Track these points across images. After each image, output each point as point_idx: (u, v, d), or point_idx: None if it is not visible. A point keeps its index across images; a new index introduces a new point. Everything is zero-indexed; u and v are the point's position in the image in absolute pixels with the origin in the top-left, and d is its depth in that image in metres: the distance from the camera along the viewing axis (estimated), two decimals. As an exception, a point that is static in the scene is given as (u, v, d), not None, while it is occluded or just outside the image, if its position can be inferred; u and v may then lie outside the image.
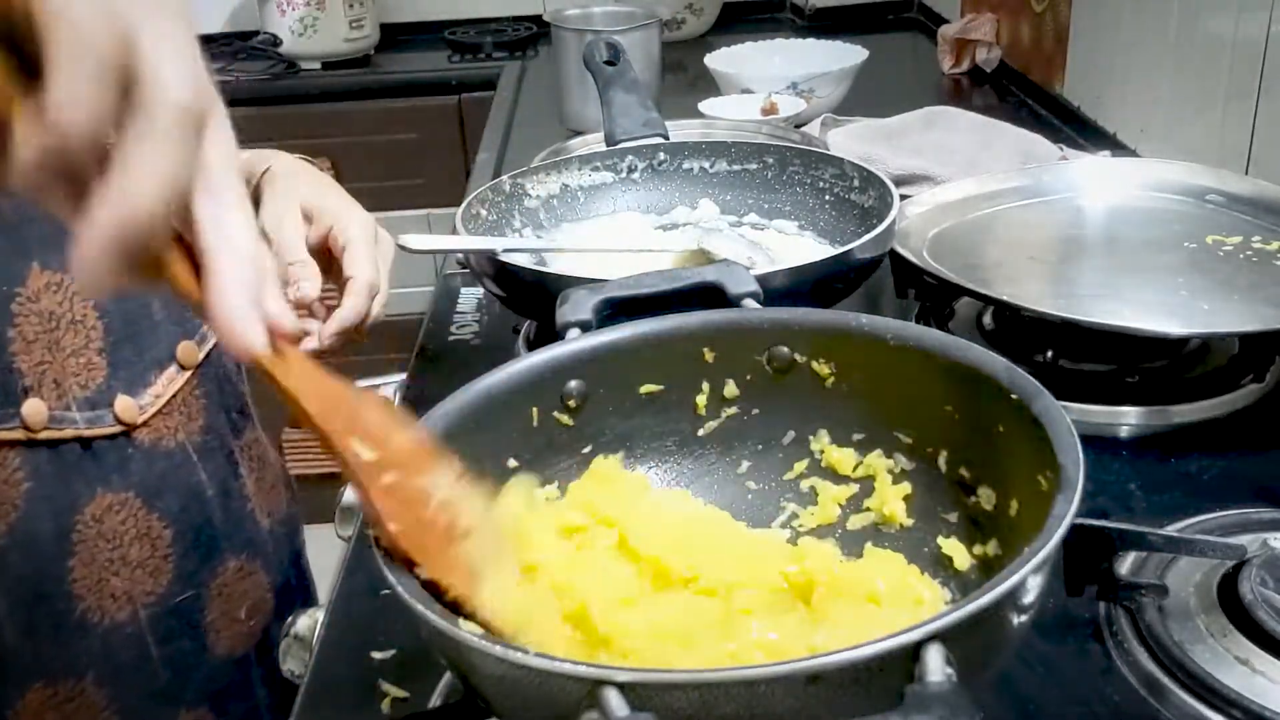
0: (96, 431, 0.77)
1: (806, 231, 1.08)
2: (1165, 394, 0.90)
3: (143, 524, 0.80)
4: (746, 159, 1.12)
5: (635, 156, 1.12)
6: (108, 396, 0.77)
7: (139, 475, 0.80)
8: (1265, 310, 0.90)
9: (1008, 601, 0.46)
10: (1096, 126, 1.54)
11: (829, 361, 0.67)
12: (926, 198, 1.13)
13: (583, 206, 1.12)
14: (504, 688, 0.47)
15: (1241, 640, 0.63)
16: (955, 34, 1.89)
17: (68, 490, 0.76)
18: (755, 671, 0.43)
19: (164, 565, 0.82)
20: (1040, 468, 0.54)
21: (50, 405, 0.74)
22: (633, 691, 0.43)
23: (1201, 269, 0.98)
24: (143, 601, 0.80)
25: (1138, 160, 1.35)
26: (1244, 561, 0.65)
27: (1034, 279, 1.02)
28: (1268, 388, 0.91)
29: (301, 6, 2.38)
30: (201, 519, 0.84)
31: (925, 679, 0.41)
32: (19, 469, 0.74)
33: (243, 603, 0.88)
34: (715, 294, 0.71)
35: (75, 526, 0.76)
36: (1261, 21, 1.15)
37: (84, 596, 0.77)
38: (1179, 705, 0.62)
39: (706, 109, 1.59)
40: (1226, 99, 1.23)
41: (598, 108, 1.20)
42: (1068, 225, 1.11)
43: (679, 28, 2.29)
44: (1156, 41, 1.38)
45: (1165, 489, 0.80)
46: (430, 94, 2.38)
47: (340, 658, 0.70)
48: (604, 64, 1.20)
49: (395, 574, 0.50)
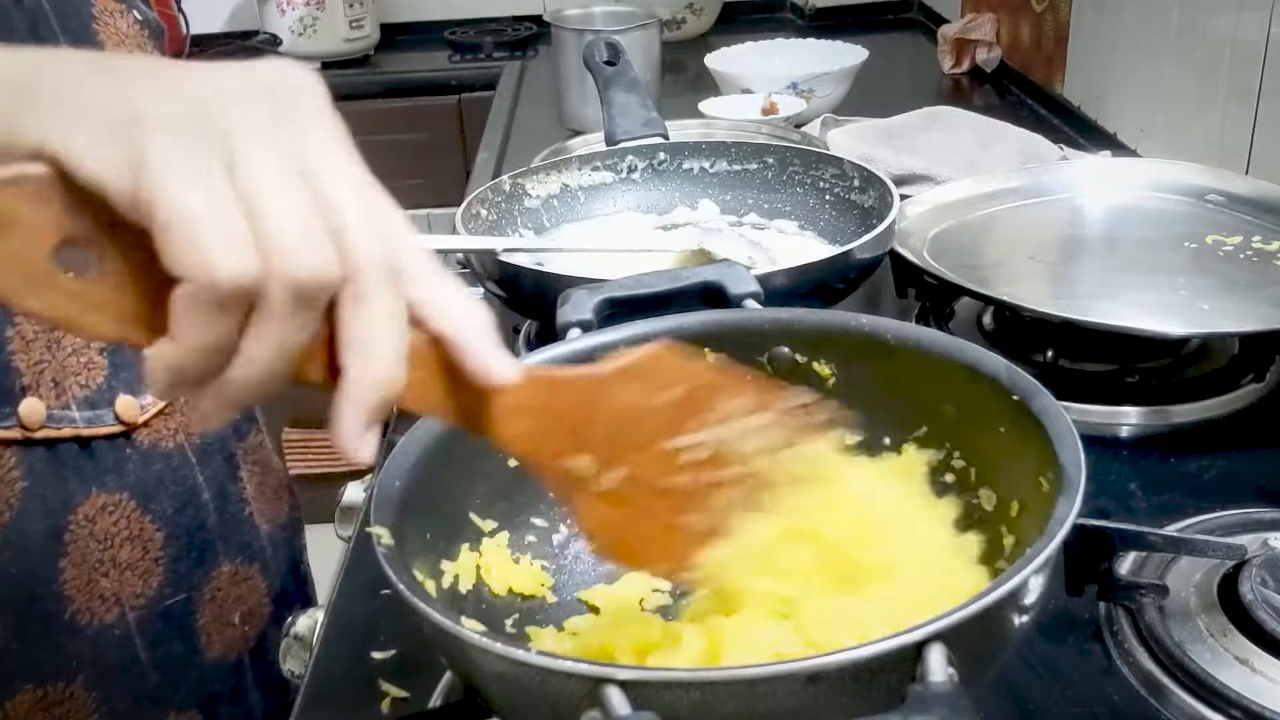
0: (96, 431, 0.76)
1: (807, 231, 1.08)
2: (1165, 394, 0.90)
3: (135, 525, 0.79)
4: (746, 159, 1.12)
5: (635, 156, 1.12)
6: (109, 396, 0.77)
7: (135, 476, 0.79)
8: (1265, 310, 0.90)
9: (1009, 602, 0.46)
10: (1096, 126, 1.54)
11: (829, 362, 0.67)
12: (926, 198, 1.13)
13: (583, 206, 1.12)
14: (505, 686, 0.47)
15: (1241, 640, 0.63)
16: (955, 34, 1.89)
17: (63, 490, 0.75)
18: (756, 671, 0.43)
19: (154, 568, 0.81)
20: (1041, 468, 0.54)
21: (49, 404, 0.74)
22: (634, 690, 0.43)
23: (1201, 269, 0.98)
24: (131, 604, 0.80)
25: (1138, 160, 1.35)
26: (1244, 561, 0.65)
27: (1034, 279, 1.02)
28: (1268, 388, 0.91)
29: (301, 6, 2.38)
30: (196, 523, 0.84)
31: (927, 679, 0.41)
32: (14, 468, 0.73)
33: (237, 607, 0.88)
34: (716, 294, 0.71)
35: (68, 526, 0.76)
36: (1261, 21, 1.15)
37: (74, 598, 0.77)
38: (1179, 705, 0.62)
39: (706, 109, 1.59)
40: (1226, 99, 1.24)
41: (598, 108, 1.20)
42: (1068, 225, 1.11)
43: (679, 28, 2.29)
44: (1156, 41, 1.38)
45: (1165, 489, 0.80)
46: (430, 94, 2.38)
47: (340, 658, 0.70)
48: (604, 64, 1.20)
49: (398, 572, 0.50)
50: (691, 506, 0.52)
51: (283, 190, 0.40)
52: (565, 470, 0.50)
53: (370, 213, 0.42)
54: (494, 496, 0.66)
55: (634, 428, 0.51)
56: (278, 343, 0.40)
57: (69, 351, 0.75)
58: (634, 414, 0.51)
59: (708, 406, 0.52)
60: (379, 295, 0.41)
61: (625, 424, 0.51)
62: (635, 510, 0.51)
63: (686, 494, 0.52)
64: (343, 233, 0.40)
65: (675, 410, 0.52)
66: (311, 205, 0.40)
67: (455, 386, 0.46)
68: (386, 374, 0.42)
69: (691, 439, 0.52)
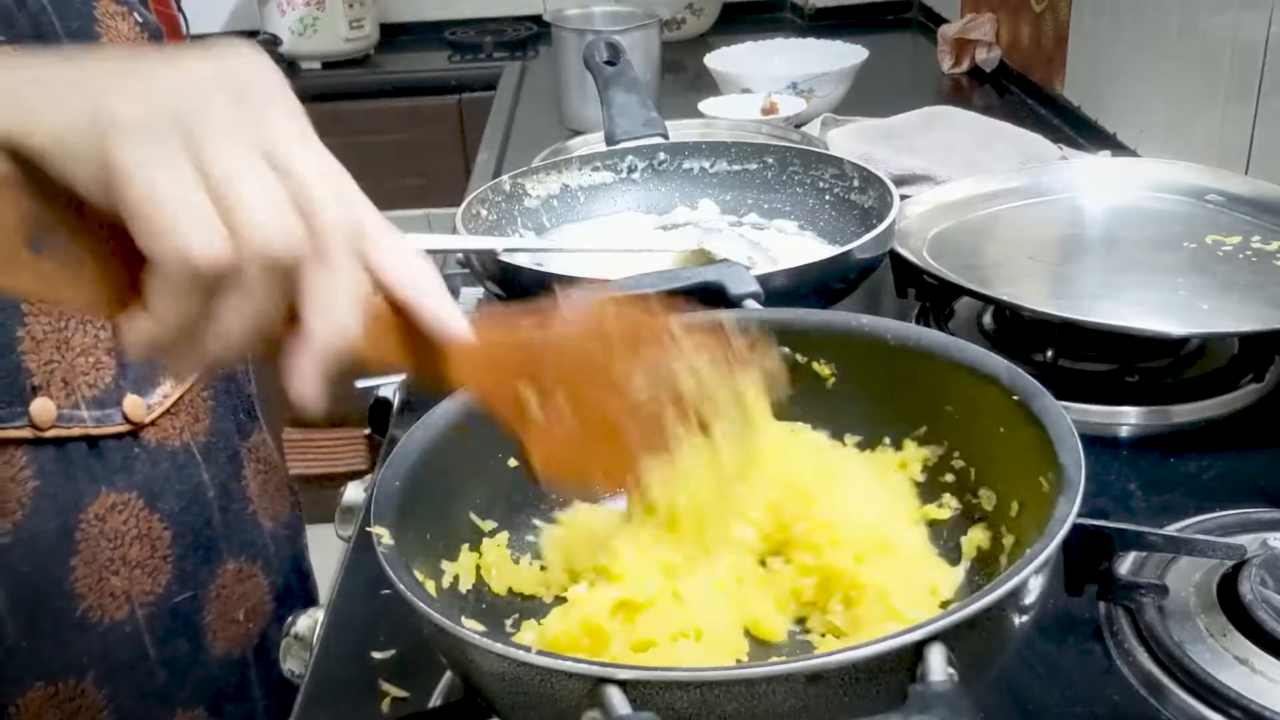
0: (104, 430, 0.77)
1: (807, 231, 1.08)
2: (1165, 394, 0.90)
3: (143, 524, 0.80)
4: (746, 159, 1.12)
5: (635, 156, 1.12)
6: (116, 396, 0.77)
7: (143, 475, 0.80)
8: (1265, 310, 0.90)
9: (1009, 602, 0.46)
10: (1096, 126, 1.54)
11: (829, 362, 0.67)
12: (926, 198, 1.13)
13: (583, 206, 1.12)
14: (505, 686, 0.48)
15: (1241, 640, 0.63)
16: (955, 34, 1.89)
17: (73, 489, 0.76)
18: (756, 670, 0.44)
19: (163, 566, 0.81)
20: (1041, 468, 0.54)
21: (59, 404, 0.74)
22: (634, 690, 0.43)
23: (1201, 269, 0.98)
24: (140, 601, 0.80)
25: (1138, 160, 1.35)
26: (1244, 561, 0.65)
27: (1034, 279, 1.02)
28: (1268, 388, 0.91)
29: (301, 6, 2.38)
30: (201, 521, 0.84)
31: (928, 679, 0.42)
32: (25, 467, 0.74)
33: (241, 605, 0.88)
34: (716, 294, 0.71)
35: (79, 525, 0.76)
36: (1261, 21, 1.16)
37: (85, 595, 0.77)
38: (1179, 705, 0.62)
39: (706, 109, 1.59)
40: (1226, 99, 1.24)
41: (598, 108, 1.20)
42: (1068, 225, 1.11)
43: (679, 28, 2.29)
44: (1156, 41, 1.38)
45: (1165, 489, 0.80)
46: (430, 94, 2.38)
47: (340, 658, 0.70)
48: (604, 64, 1.20)
49: (398, 572, 0.50)
50: (635, 426, 0.55)
51: (248, 170, 0.42)
52: (514, 404, 0.54)
53: (330, 184, 0.44)
54: (494, 496, 0.66)
55: (576, 363, 0.54)
56: (251, 313, 0.43)
57: (78, 352, 0.75)
58: (576, 353, 0.55)
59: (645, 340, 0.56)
60: (340, 261, 0.44)
61: (568, 361, 0.54)
62: (580, 432, 0.54)
63: (629, 417, 0.55)
64: (309, 206, 0.43)
65: (621, 355, 0.55)
66: (276, 182, 0.42)
67: (411, 341, 0.49)
68: (343, 328, 0.44)
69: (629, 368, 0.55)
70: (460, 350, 0.50)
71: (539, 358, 0.54)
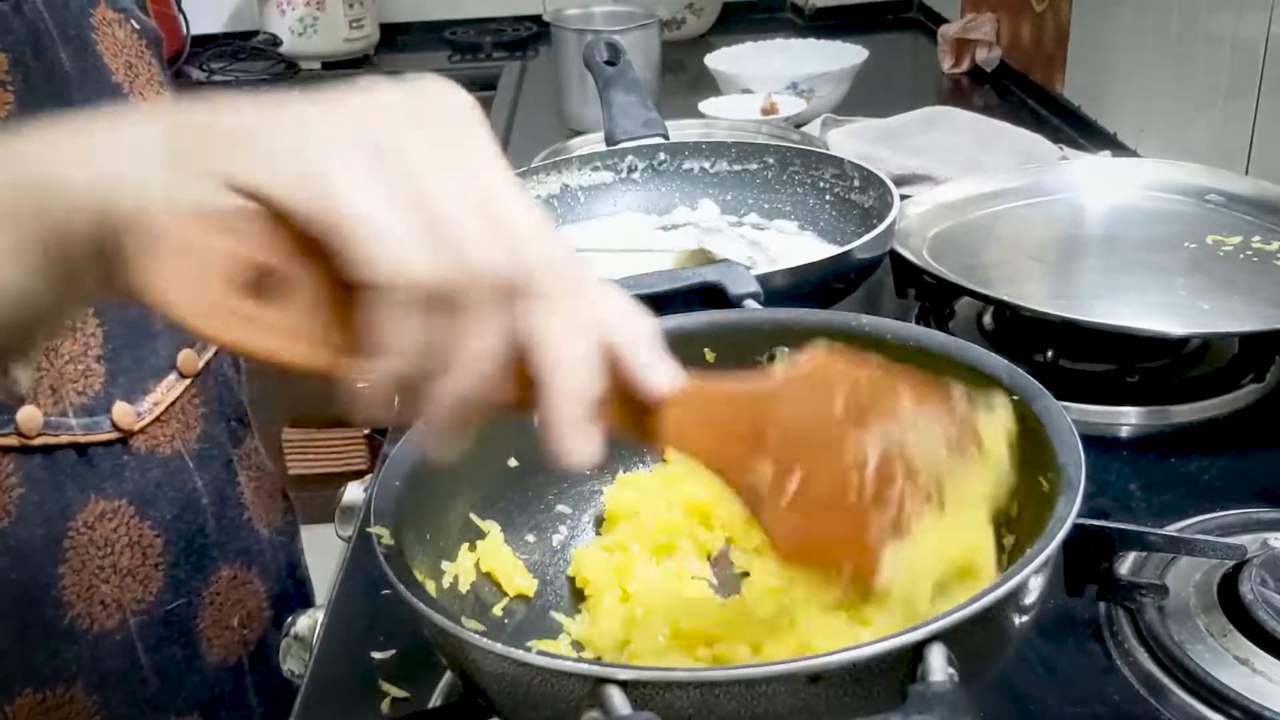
0: (93, 438, 0.76)
1: (807, 231, 1.08)
2: (1165, 394, 0.90)
3: (134, 531, 0.79)
4: (747, 159, 1.12)
5: (635, 156, 1.12)
6: (105, 403, 0.77)
7: (133, 482, 0.79)
8: (1265, 310, 0.90)
9: (1009, 602, 0.46)
10: (1096, 126, 1.54)
11: (830, 362, 0.67)
12: (926, 198, 1.13)
13: (583, 206, 1.12)
14: (506, 686, 0.48)
15: (1241, 640, 0.63)
16: (955, 34, 1.89)
17: (61, 496, 0.75)
18: (756, 671, 0.44)
19: (154, 573, 0.81)
20: (1041, 468, 0.54)
21: (46, 412, 0.74)
22: (635, 690, 0.43)
23: (1201, 269, 0.98)
24: (132, 609, 0.80)
25: (1138, 160, 1.35)
26: (1244, 561, 0.65)
27: (1034, 279, 1.02)
28: (1268, 388, 0.91)
29: (301, 6, 2.38)
30: (195, 528, 0.84)
31: (928, 679, 0.42)
32: (12, 475, 0.73)
33: (236, 611, 0.88)
34: (716, 294, 0.71)
35: (67, 533, 0.76)
36: (1261, 21, 1.16)
37: (73, 603, 0.77)
38: (1179, 705, 0.62)
39: (706, 109, 1.59)
40: (1226, 99, 1.24)
41: (598, 108, 1.20)
42: (1068, 225, 1.11)
43: (679, 28, 2.29)
44: (1156, 41, 1.38)
45: (1165, 489, 0.80)
46: (430, 94, 2.38)
47: (340, 658, 0.70)
48: (604, 64, 1.20)
49: (398, 573, 0.50)
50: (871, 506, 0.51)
51: (455, 197, 0.40)
52: (748, 480, 0.50)
53: (539, 222, 0.42)
54: (494, 496, 0.66)
55: (806, 432, 0.50)
56: (479, 342, 0.41)
57: (66, 359, 0.75)
58: (804, 419, 0.51)
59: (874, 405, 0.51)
60: (565, 300, 0.42)
61: (796, 429, 0.50)
62: (819, 514, 0.51)
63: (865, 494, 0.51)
64: (518, 237, 0.41)
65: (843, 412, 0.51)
66: (484, 211, 0.41)
67: (622, 397, 0.46)
68: (586, 382, 0.42)
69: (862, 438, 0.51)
70: (673, 406, 0.47)
71: (762, 422, 0.50)
